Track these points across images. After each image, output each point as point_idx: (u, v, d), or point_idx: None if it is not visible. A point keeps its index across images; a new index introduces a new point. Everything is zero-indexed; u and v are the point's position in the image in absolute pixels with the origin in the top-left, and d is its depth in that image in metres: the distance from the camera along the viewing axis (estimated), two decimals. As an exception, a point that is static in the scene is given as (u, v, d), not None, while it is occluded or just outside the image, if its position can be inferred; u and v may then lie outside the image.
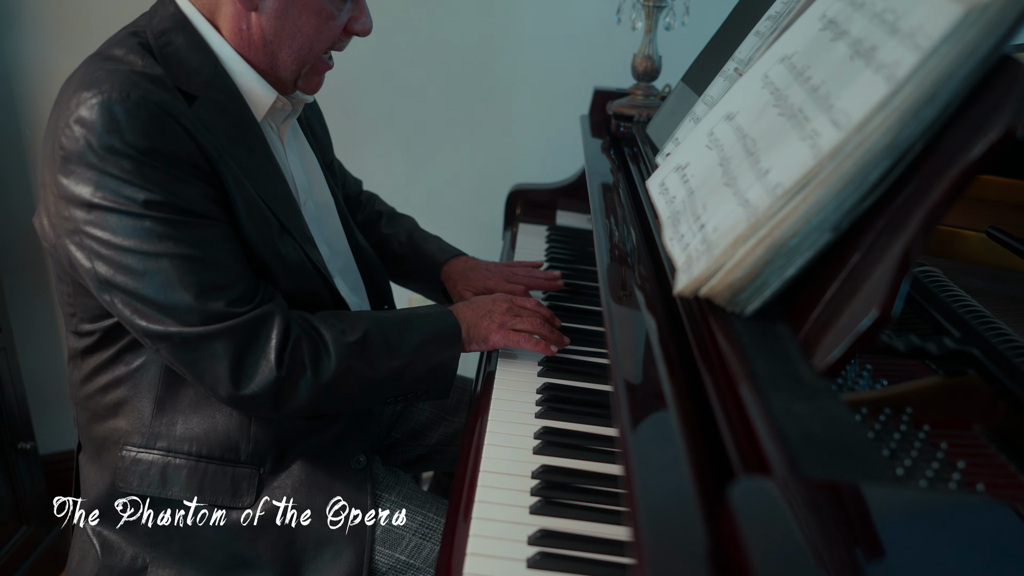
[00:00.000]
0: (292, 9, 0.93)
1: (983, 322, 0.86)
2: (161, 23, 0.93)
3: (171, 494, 0.99)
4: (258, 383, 0.90)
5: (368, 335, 0.97)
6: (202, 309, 0.87)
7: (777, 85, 0.79)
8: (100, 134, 0.82)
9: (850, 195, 0.63)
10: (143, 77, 0.86)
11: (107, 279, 0.87)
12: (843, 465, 0.49)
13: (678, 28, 1.50)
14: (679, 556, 0.46)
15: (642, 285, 0.86)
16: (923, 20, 0.62)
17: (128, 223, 0.84)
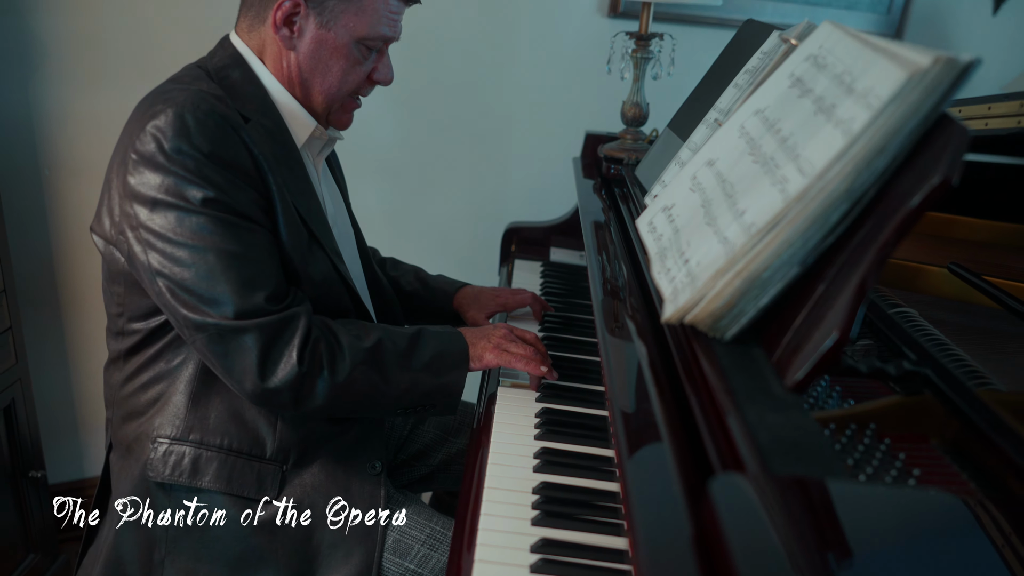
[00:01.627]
0: (323, 51, 1.06)
1: (941, 348, 0.94)
2: (220, 60, 1.07)
3: (201, 484, 1.05)
4: (281, 378, 0.97)
5: (381, 343, 1.04)
6: (239, 303, 0.95)
7: (752, 135, 0.89)
8: (171, 138, 0.93)
9: (814, 234, 0.72)
10: (210, 95, 0.99)
11: (158, 269, 0.96)
12: (807, 465, 0.57)
13: (664, 78, 1.61)
14: (669, 540, 0.53)
15: (633, 315, 0.94)
16: (874, 82, 0.71)
17: (184, 219, 0.94)
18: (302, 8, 1.04)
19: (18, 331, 1.61)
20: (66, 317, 1.89)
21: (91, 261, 1.89)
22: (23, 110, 1.70)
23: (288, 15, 1.04)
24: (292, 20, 1.05)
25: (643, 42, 1.55)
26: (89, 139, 1.79)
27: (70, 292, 1.88)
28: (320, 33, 1.05)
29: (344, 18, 1.05)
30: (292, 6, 1.03)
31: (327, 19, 1.05)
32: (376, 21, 1.07)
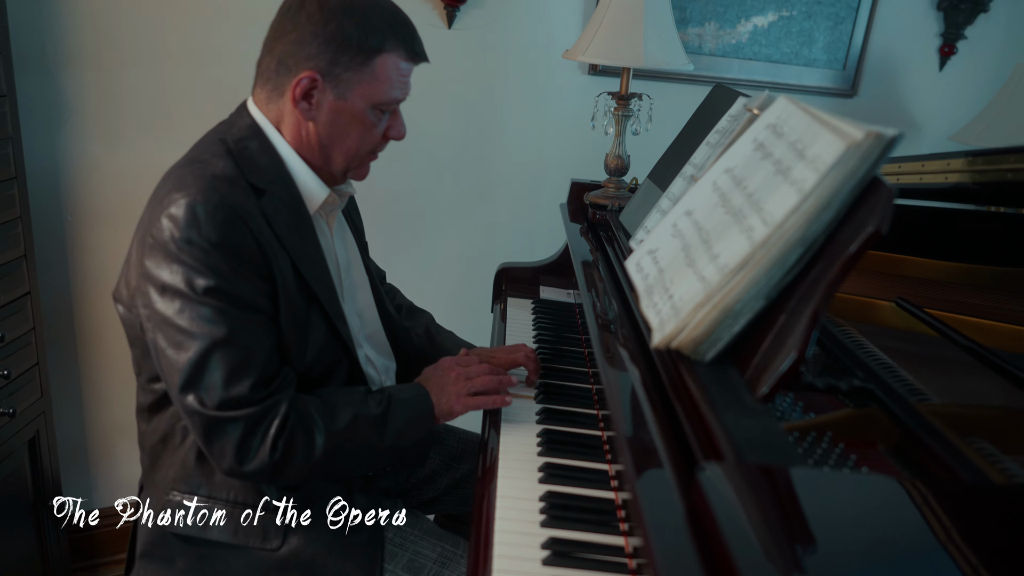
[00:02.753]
0: (340, 119, 1.14)
1: (887, 369, 1.10)
2: (240, 131, 1.14)
3: (210, 536, 1.14)
4: (255, 464, 1.05)
5: (356, 420, 1.11)
6: (225, 393, 1.02)
7: (723, 190, 1.05)
8: (183, 228, 1.01)
9: (776, 273, 0.87)
10: (223, 180, 1.06)
11: (162, 349, 1.04)
12: (773, 456, 0.71)
13: (643, 133, 1.79)
14: (667, 517, 0.67)
15: (625, 344, 1.09)
16: (820, 150, 0.88)
17: (187, 306, 1.02)
18: (319, 82, 1.10)
19: (44, 367, 1.71)
20: (82, 356, 1.99)
21: (109, 305, 2.00)
22: (50, 160, 1.83)
23: (306, 90, 1.10)
24: (310, 94, 1.11)
25: (623, 102, 1.72)
26: (109, 188, 1.91)
27: (87, 333, 1.99)
28: (337, 103, 1.12)
29: (358, 87, 1.12)
30: (310, 82, 1.10)
31: (343, 90, 1.11)
32: (388, 87, 1.14)
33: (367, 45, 1.10)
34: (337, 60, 1.10)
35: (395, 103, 1.18)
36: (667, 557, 0.65)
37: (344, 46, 1.09)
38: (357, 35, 1.09)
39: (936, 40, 2.87)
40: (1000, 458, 0.89)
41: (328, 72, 1.10)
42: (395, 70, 1.14)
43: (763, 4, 2.58)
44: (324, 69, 1.10)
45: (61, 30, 1.78)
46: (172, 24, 1.87)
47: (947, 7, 2.81)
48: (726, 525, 0.60)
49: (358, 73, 1.11)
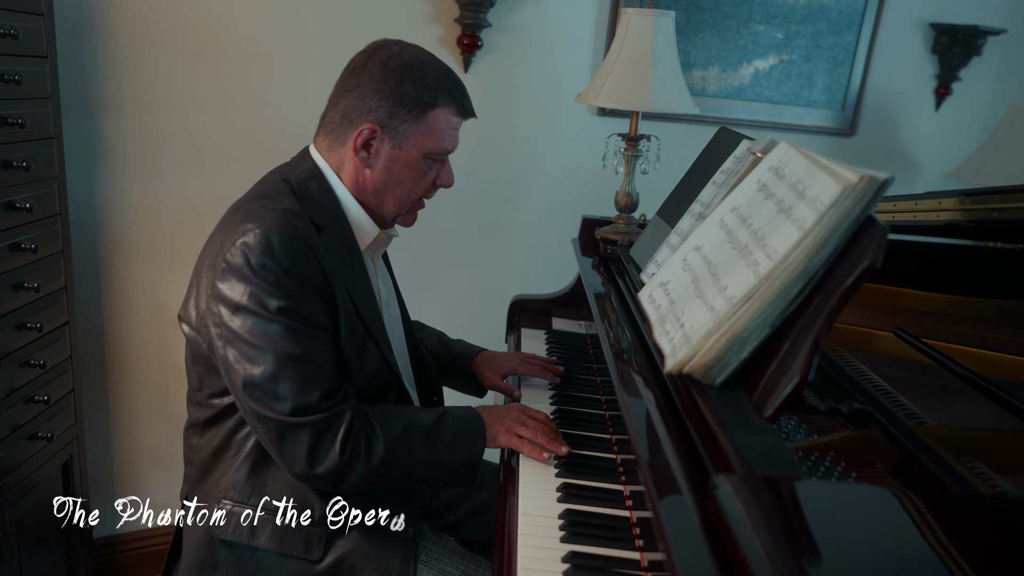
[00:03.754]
0: (396, 167, 1.25)
1: (885, 394, 1.17)
2: (302, 173, 1.25)
3: (257, 543, 1.21)
4: (325, 466, 1.13)
5: (410, 429, 1.20)
6: (297, 401, 1.11)
7: (730, 227, 1.13)
8: (258, 255, 1.11)
9: (780, 303, 0.95)
10: (292, 214, 1.16)
11: (233, 364, 1.13)
12: (779, 469, 0.78)
13: (656, 170, 1.88)
14: (684, 524, 0.74)
15: (639, 370, 1.16)
16: (819, 192, 0.96)
17: (260, 323, 1.11)
18: (378, 133, 1.21)
19: (78, 394, 1.79)
20: (111, 385, 2.07)
21: (140, 334, 2.08)
22: (88, 197, 1.93)
23: (367, 140, 1.22)
24: (370, 144, 1.22)
25: (633, 143, 1.82)
26: (142, 224, 2.01)
27: (117, 362, 2.07)
28: (393, 152, 1.23)
29: (414, 138, 1.23)
30: (370, 132, 1.21)
31: (399, 140, 1.23)
32: (440, 138, 1.25)
33: (423, 100, 1.21)
34: (395, 113, 1.21)
35: (445, 153, 1.29)
36: (686, 561, 0.72)
37: (402, 101, 1.20)
38: (414, 91, 1.20)
39: (932, 81, 2.98)
40: (992, 476, 0.96)
41: (387, 124, 1.21)
42: (446, 123, 1.25)
43: (764, 48, 2.69)
44: (383, 121, 1.21)
45: (102, 76, 1.89)
46: (204, 70, 1.98)
47: (941, 50, 2.93)
48: (739, 531, 0.66)
49: (413, 125, 1.22)
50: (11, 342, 1.52)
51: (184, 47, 1.95)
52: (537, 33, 2.32)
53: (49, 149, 1.60)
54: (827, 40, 2.77)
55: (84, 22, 1.84)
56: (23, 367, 1.55)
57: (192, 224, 2.05)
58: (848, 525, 0.70)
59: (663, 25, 1.73)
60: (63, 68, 1.74)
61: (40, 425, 1.62)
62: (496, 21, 2.24)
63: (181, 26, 1.94)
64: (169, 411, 2.16)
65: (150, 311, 2.08)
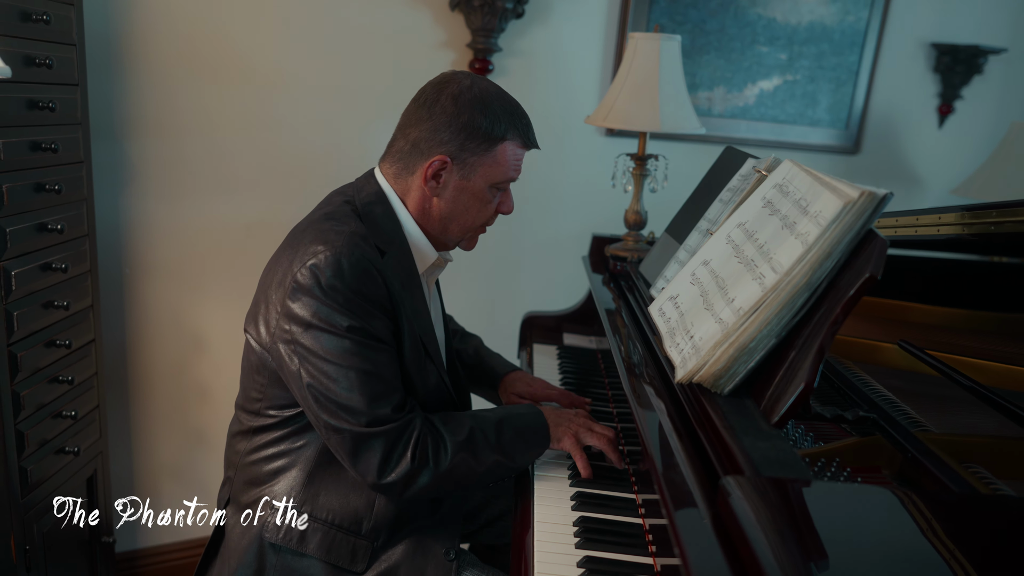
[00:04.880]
0: (463, 197, 1.29)
1: (889, 403, 1.21)
2: (367, 196, 1.28)
3: (306, 551, 1.25)
4: (397, 473, 1.17)
5: (473, 432, 1.23)
6: (371, 413, 1.15)
7: (736, 242, 1.17)
8: (329, 277, 1.15)
9: (785, 314, 0.99)
10: (360, 238, 1.20)
11: (307, 381, 1.17)
12: (786, 471, 0.82)
13: (663, 188, 1.93)
14: (698, 526, 0.78)
15: (651, 382, 1.20)
16: (821, 207, 1.01)
17: (332, 341, 1.15)
18: (449, 164, 1.25)
19: (103, 410, 1.84)
20: (133, 402, 2.12)
21: (163, 352, 2.14)
22: (113, 219, 1.99)
23: (437, 171, 1.26)
24: (440, 175, 1.26)
25: (641, 162, 1.87)
26: (165, 245, 2.06)
27: (139, 379, 2.12)
28: (461, 183, 1.27)
29: (481, 169, 1.27)
30: (441, 164, 1.25)
31: (467, 172, 1.26)
32: (506, 169, 1.29)
33: (493, 134, 1.26)
34: (466, 146, 1.25)
35: (509, 183, 1.33)
36: (699, 562, 0.76)
37: (473, 135, 1.25)
38: (485, 125, 1.25)
39: (935, 100, 3.03)
40: (994, 481, 0.99)
41: (457, 156, 1.26)
42: (512, 155, 1.30)
43: (768, 69, 2.75)
44: (454, 153, 1.25)
45: (129, 103, 1.95)
46: (226, 96, 2.05)
47: (943, 69, 2.98)
48: (749, 530, 0.70)
49: (482, 157, 1.27)
50: (41, 359, 1.57)
51: (207, 74, 2.02)
52: (547, 57, 2.38)
53: (79, 173, 1.66)
54: (830, 61, 2.83)
55: (112, 51, 1.91)
56: (52, 383, 1.60)
57: (214, 245, 2.11)
58: (852, 524, 0.74)
59: (669, 48, 1.78)
60: (92, 95, 1.81)
61: (67, 440, 1.67)
62: (507, 46, 2.30)
63: (204, 54, 2.01)
64: (188, 427, 2.20)
65: (172, 329, 2.13)
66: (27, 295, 1.52)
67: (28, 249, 1.51)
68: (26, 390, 1.51)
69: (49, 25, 1.50)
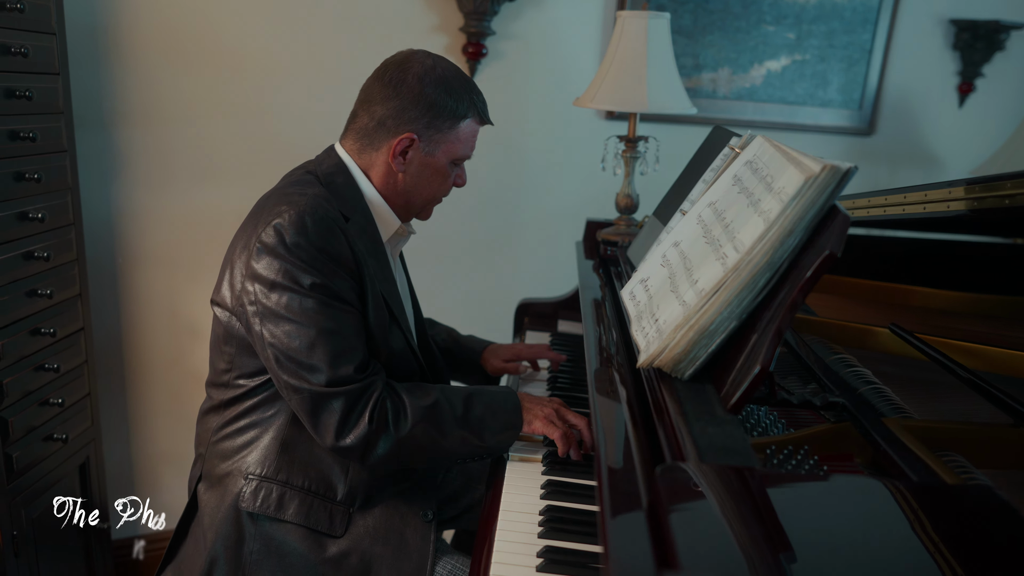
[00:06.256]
0: (426, 172, 1.33)
1: (874, 390, 1.16)
2: (328, 168, 1.31)
3: (284, 516, 1.26)
4: (355, 436, 1.17)
5: (439, 402, 1.23)
6: (331, 373, 1.16)
7: (706, 222, 1.13)
8: (292, 234, 1.16)
9: (746, 295, 0.95)
10: (324, 199, 1.23)
11: (269, 340, 1.18)
12: (732, 459, 0.78)
13: (654, 170, 1.88)
14: (630, 508, 0.75)
15: (619, 368, 1.16)
16: (785, 183, 0.96)
17: (295, 299, 1.16)
18: (416, 142, 1.29)
19: (94, 398, 1.85)
20: (129, 389, 2.14)
21: (156, 340, 2.15)
22: (104, 209, 2.00)
23: (405, 148, 1.29)
24: (407, 152, 1.30)
25: (631, 144, 1.82)
26: (157, 234, 2.07)
27: (134, 367, 2.13)
28: (426, 159, 1.31)
29: (444, 146, 1.31)
30: (409, 142, 1.29)
31: (432, 148, 1.31)
32: (466, 146, 1.34)
33: (457, 113, 1.30)
34: (432, 124, 1.29)
35: (467, 158, 1.38)
36: (621, 546, 0.72)
37: (440, 114, 1.29)
38: (451, 104, 1.29)
39: (954, 78, 2.92)
40: (969, 470, 0.94)
41: (423, 134, 1.29)
42: (471, 132, 1.35)
43: (776, 49, 2.67)
44: (421, 132, 1.29)
45: (116, 92, 1.96)
46: (214, 84, 2.05)
47: (962, 46, 2.87)
48: (676, 517, 0.67)
49: (446, 135, 1.31)
50: (26, 346, 1.58)
51: (195, 62, 2.02)
52: (542, 39, 2.34)
53: (62, 162, 1.67)
54: (841, 39, 2.74)
55: (99, 40, 1.91)
56: (38, 371, 1.62)
57: (205, 233, 2.11)
58: (788, 512, 0.70)
59: (657, 27, 1.73)
60: (79, 85, 1.82)
61: (55, 427, 1.68)
62: (500, 29, 2.27)
63: (191, 42, 2.00)
64: (185, 415, 2.21)
65: (166, 318, 2.14)
66: (9, 283, 1.53)
67: (9, 238, 1.52)
68: (9, 377, 1.53)
69: (24, 14, 1.50)
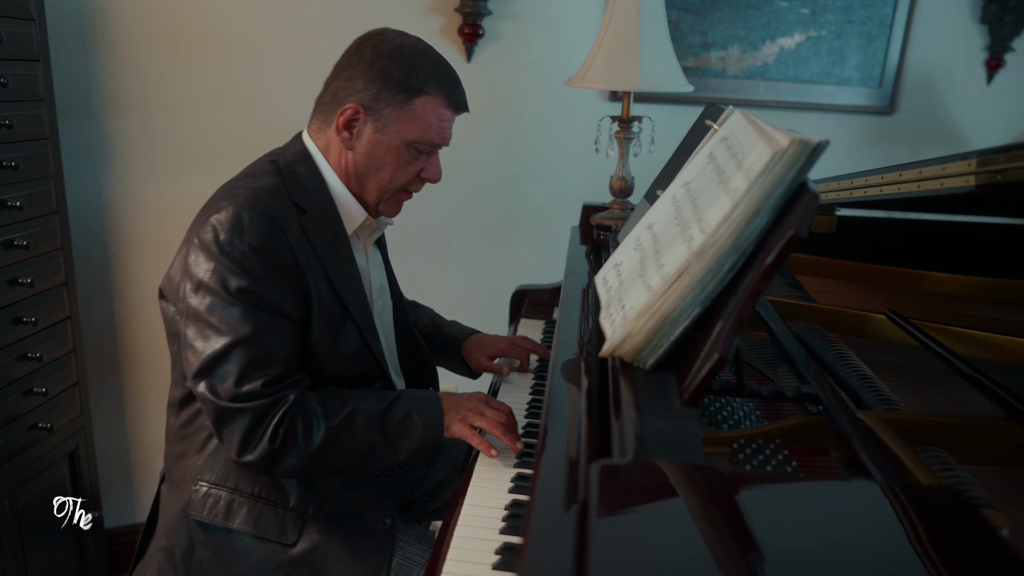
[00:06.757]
0: (377, 152, 1.22)
1: (864, 380, 1.09)
2: (291, 156, 1.25)
3: (233, 525, 1.21)
4: (256, 453, 1.11)
5: (354, 413, 1.16)
6: (237, 386, 1.09)
7: (679, 203, 1.06)
8: (227, 231, 1.11)
9: (710, 280, 0.88)
10: (269, 193, 1.16)
11: (188, 341, 1.13)
12: (677, 455, 0.72)
13: (652, 151, 1.81)
14: (565, 506, 0.69)
15: (587, 357, 1.11)
16: (754, 160, 0.89)
17: (218, 303, 1.11)
18: (361, 115, 1.20)
19: (83, 386, 1.84)
20: (125, 377, 2.13)
21: (150, 327, 2.14)
22: (95, 197, 1.99)
23: (349, 120, 1.20)
24: (352, 124, 1.21)
25: (625, 125, 1.76)
26: (149, 222, 2.06)
27: (130, 355, 2.13)
28: (376, 136, 1.21)
29: (397, 124, 1.20)
30: (352, 112, 1.19)
31: (382, 125, 1.20)
32: (426, 128, 1.22)
33: (408, 85, 1.19)
34: (380, 96, 1.19)
35: (431, 145, 1.25)
36: (540, 546, 0.67)
37: (387, 83, 1.19)
38: (400, 75, 1.19)
39: (982, 53, 2.79)
40: (951, 466, 0.87)
41: (370, 106, 1.20)
42: (434, 114, 1.22)
43: (789, 25, 2.57)
44: (367, 103, 1.20)
45: (104, 79, 1.94)
46: (204, 69, 2.02)
47: (991, 20, 2.73)
48: (595, 516, 0.61)
49: (398, 110, 1.20)
50: (7, 336, 1.57)
51: (183, 48, 1.99)
52: (540, 19, 2.27)
53: (44, 150, 1.65)
54: (859, 14, 2.62)
55: (84, 27, 1.89)
56: (20, 360, 1.61)
57: (199, 221, 2.10)
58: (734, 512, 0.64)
59: (650, 1, 1.66)
60: (64, 72, 1.80)
61: (40, 416, 1.67)
62: (497, 9, 2.20)
63: (180, 26, 1.98)
64: (182, 404, 2.21)
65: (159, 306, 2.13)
66: (-12, 272, 1.52)
67: (-14, 227, 1.52)
68: (-11, 367, 1.52)
69: None
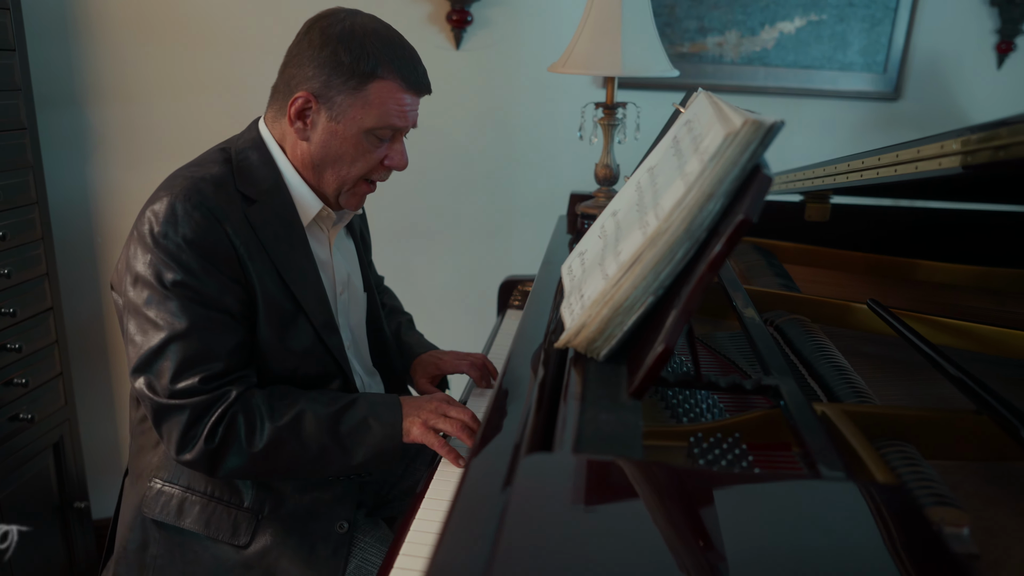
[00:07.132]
0: (333, 141, 1.17)
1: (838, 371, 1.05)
2: (244, 143, 1.20)
3: (184, 524, 1.18)
4: (195, 452, 1.08)
5: (302, 415, 1.12)
6: (174, 382, 1.06)
7: (642, 188, 1.03)
8: (161, 224, 1.08)
9: (664, 268, 0.85)
10: (209, 183, 1.11)
11: (128, 334, 1.11)
12: (612, 450, 0.69)
13: (639, 138, 1.77)
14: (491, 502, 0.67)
15: (547, 348, 1.08)
16: (710, 142, 0.86)
17: (154, 296, 1.08)
18: (313, 104, 1.14)
19: (67, 377, 1.84)
20: (112, 368, 2.14)
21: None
22: (80, 188, 1.98)
23: (301, 110, 1.15)
24: (305, 114, 1.16)
25: (609, 111, 1.72)
26: (134, 211, 2.01)
27: (117, 346, 2.13)
28: (330, 126, 1.15)
29: (352, 112, 1.14)
30: (304, 102, 1.14)
31: (336, 113, 1.15)
32: (383, 113, 1.15)
33: (360, 70, 1.13)
34: (331, 83, 1.13)
35: (390, 130, 1.19)
36: (453, 545, 0.65)
37: (337, 70, 1.13)
38: (350, 60, 1.13)
39: (992, 37, 2.71)
40: (916, 462, 0.83)
41: (322, 94, 1.14)
42: (390, 98, 1.16)
43: (789, 9, 2.51)
44: (318, 91, 1.14)
45: (86, 68, 1.93)
46: (187, 58, 2.00)
47: (1001, 1, 2.65)
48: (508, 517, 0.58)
49: (351, 97, 1.14)
50: (-17, 327, 1.57)
51: (167, 35, 1.98)
52: (530, 4, 2.23)
53: (21, 140, 1.65)
54: (862, -4, 2.56)
55: (64, 16, 1.88)
56: (-2, 351, 1.61)
57: (186, 212, 2.09)
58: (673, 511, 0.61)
59: (633, -17, 1.61)
60: (48, 61, 1.79)
61: (21, 407, 1.67)
62: (486, -6, 2.17)
63: (162, 14, 1.96)
64: (172, 396, 2.21)
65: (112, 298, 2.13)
66: (-38, 263, 1.52)
67: (-41, 217, 1.51)
68: (-35, 358, 1.52)
69: (-32, -12, 1.48)
